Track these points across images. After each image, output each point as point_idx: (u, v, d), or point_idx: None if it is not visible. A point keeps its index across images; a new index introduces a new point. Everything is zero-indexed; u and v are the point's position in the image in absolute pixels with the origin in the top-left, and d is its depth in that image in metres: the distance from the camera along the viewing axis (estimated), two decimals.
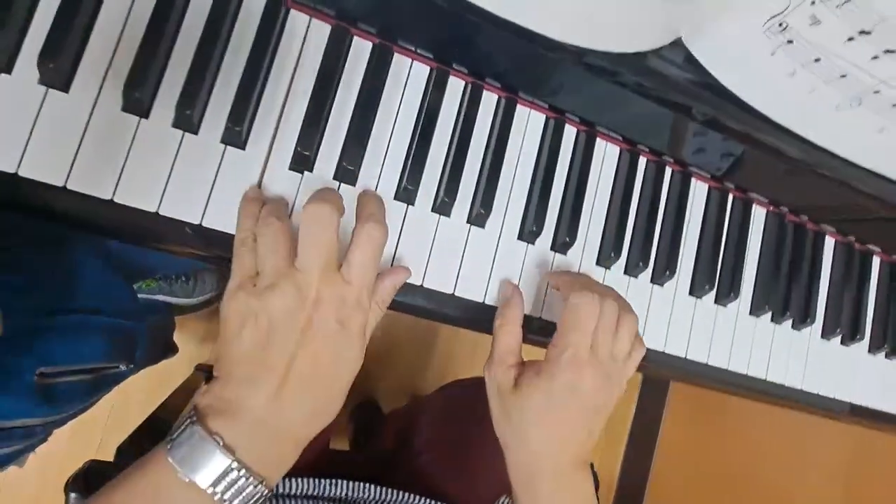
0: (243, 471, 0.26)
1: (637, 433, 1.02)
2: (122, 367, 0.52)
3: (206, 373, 1.05)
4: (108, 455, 0.63)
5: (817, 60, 0.26)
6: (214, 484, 0.25)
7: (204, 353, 1.07)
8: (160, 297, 0.88)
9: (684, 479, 1.04)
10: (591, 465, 0.36)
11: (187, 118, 0.31)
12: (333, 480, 0.51)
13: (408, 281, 0.34)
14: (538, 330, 0.39)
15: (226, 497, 0.26)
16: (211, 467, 0.25)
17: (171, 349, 0.76)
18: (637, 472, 1.01)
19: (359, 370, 0.31)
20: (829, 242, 0.51)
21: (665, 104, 0.34)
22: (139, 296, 0.91)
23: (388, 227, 0.31)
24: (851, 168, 0.35)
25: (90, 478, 0.55)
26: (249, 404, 0.27)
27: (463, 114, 0.38)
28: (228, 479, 0.26)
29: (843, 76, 0.27)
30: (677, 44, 0.28)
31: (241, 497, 0.26)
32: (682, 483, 1.03)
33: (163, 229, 0.31)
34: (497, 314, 0.36)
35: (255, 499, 0.27)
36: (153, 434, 0.73)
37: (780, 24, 0.24)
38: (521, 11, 0.27)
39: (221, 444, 0.26)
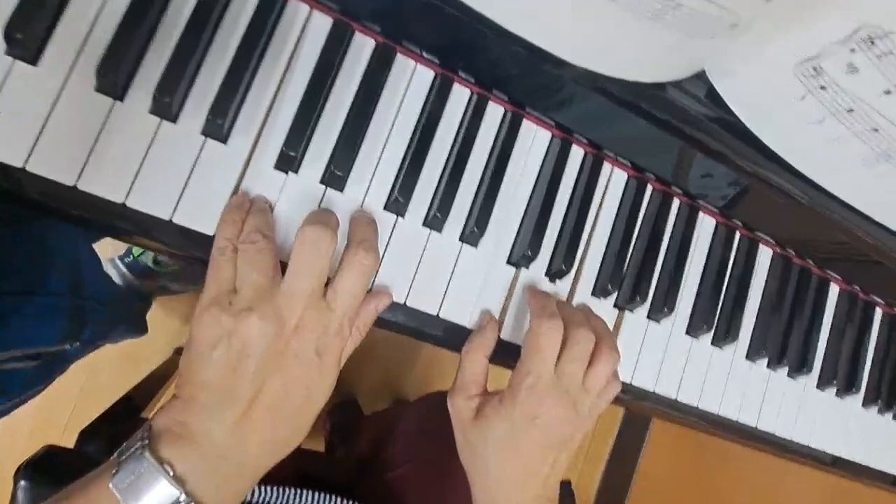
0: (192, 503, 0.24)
1: (617, 455, 1.00)
2: (68, 347, 0.50)
3: None
4: (73, 439, 0.60)
5: (850, 111, 0.24)
6: None
7: (183, 336, 1.05)
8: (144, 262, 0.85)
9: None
10: (569, 483, 0.34)
11: (166, 105, 0.28)
12: (298, 491, 0.49)
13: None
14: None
15: None
16: (156, 499, 0.23)
17: (138, 330, 0.73)
18: (614, 495, 0.99)
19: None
20: (834, 289, 0.49)
21: (680, 136, 0.31)
22: (126, 260, 0.87)
23: (379, 256, 0.29)
24: (867, 222, 0.33)
25: (46, 465, 0.53)
26: (209, 433, 0.25)
27: (465, 124, 0.35)
28: None
29: (875, 130, 0.24)
30: (700, 76, 0.26)
31: None
32: None
33: (129, 221, 0.29)
34: (467, 341, 0.34)
35: None
36: (121, 419, 0.71)
37: (815, 69, 0.22)
38: (539, 32, 0.25)
39: (172, 474, 0.24)
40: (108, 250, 0.82)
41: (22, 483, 0.50)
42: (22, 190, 0.27)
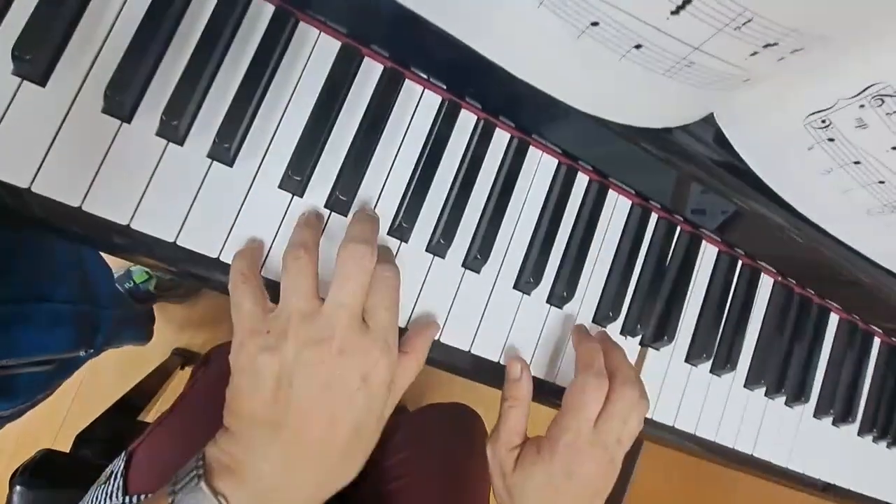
0: None
1: None
2: (82, 353, 0.50)
3: (183, 357, 1.02)
4: (70, 440, 0.60)
5: (857, 163, 0.24)
6: None
7: (182, 339, 1.05)
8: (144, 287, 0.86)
9: None
10: None
11: (173, 128, 0.28)
12: None
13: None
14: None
15: None
16: None
17: (143, 337, 0.73)
18: None
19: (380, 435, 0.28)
20: (834, 318, 0.49)
21: (685, 174, 0.31)
22: (126, 286, 0.88)
23: (397, 266, 0.29)
24: (871, 266, 0.33)
25: (42, 469, 0.53)
26: (258, 468, 0.25)
27: (472, 150, 0.35)
28: None
29: (881, 182, 0.25)
30: (708, 120, 0.26)
31: None
32: None
33: (132, 243, 0.29)
34: (506, 392, 0.35)
35: None
36: (117, 423, 0.71)
37: (824, 121, 0.22)
38: (548, 82, 0.25)
39: None
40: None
41: (18, 488, 0.50)
42: (27, 210, 0.27)
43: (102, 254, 0.53)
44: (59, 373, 0.49)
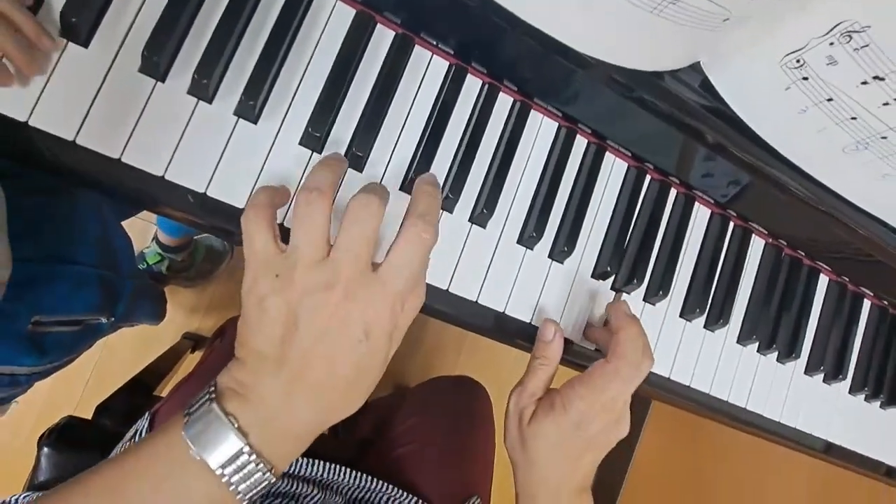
0: (254, 456, 0.25)
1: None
2: (104, 320, 0.52)
3: (193, 342, 1.05)
4: (88, 412, 0.63)
5: (829, 100, 0.26)
6: (224, 465, 0.25)
7: (193, 323, 1.08)
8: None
9: (657, 497, 1.04)
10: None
11: (203, 87, 0.31)
12: (311, 460, 0.51)
13: None
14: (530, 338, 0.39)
15: (233, 480, 0.25)
16: (223, 448, 0.25)
17: (157, 315, 0.76)
18: (609, 485, 1.02)
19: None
20: (823, 280, 0.51)
21: (677, 125, 0.34)
22: (140, 266, 0.91)
23: (438, 231, 0.27)
24: (851, 209, 0.35)
25: (66, 434, 0.56)
26: (262, 394, 0.26)
27: (477, 112, 0.38)
28: (239, 462, 0.25)
29: (853, 118, 0.27)
30: (695, 68, 0.28)
31: (248, 482, 0.25)
32: (654, 499, 1.04)
33: (166, 194, 0.31)
34: (537, 351, 0.37)
35: (261, 486, 0.26)
36: (135, 396, 0.73)
37: (798, 61, 0.25)
38: (547, 20, 0.27)
39: (236, 426, 0.25)
40: None
41: (45, 450, 0.53)
42: (70, 162, 0.30)
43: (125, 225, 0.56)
44: (84, 336, 0.51)
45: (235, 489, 0.25)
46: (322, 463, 0.51)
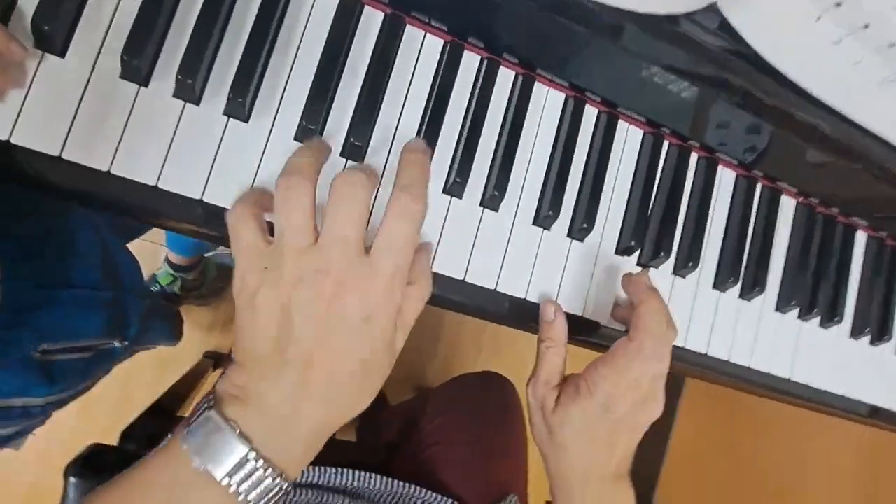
0: (261, 461, 0.24)
1: (651, 427, 1.00)
2: (116, 344, 0.51)
3: (213, 360, 1.05)
4: (114, 440, 0.62)
5: (866, 27, 0.24)
6: (230, 474, 0.23)
7: (212, 341, 1.07)
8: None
9: (696, 479, 1.01)
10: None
11: (188, 88, 0.29)
12: (339, 470, 0.50)
13: None
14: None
15: (241, 489, 0.23)
16: (227, 456, 0.23)
17: (173, 336, 0.75)
18: (647, 469, 0.99)
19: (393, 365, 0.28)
20: (861, 236, 0.48)
21: (694, 79, 0.31)
22: (153, 289, 0.91)
23: (427, 202, 0.26)
24: (888, 150, 0.32)
25: (92, 462, 0.55)
26: (264, 396, 0.25)
27: (478, 91, 0.36)
28: (245, 469, 0.23)
29: (893, 45, 0.24)
30: (712, 8, 0.26)
31: (258, 490, 0.24)
32: (693, 484, 1.01)
33: (161, 204, 0.30)
34: (541, 334, 0.35)
35: (273, 493, 0.24)
36: (159, 419, 0.73)
37: None
38: None
39: (238, 431, 0.24)
40: None
41: (72, 479, 0.52)
42: (57, 178, 0.28)
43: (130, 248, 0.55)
44: (96, 362, 0.50)
45: (245, 498, 0.24)
46: (351, 471, 0.50)
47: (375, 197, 0.32)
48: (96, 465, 0.55)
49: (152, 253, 0.98)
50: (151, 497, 0.24)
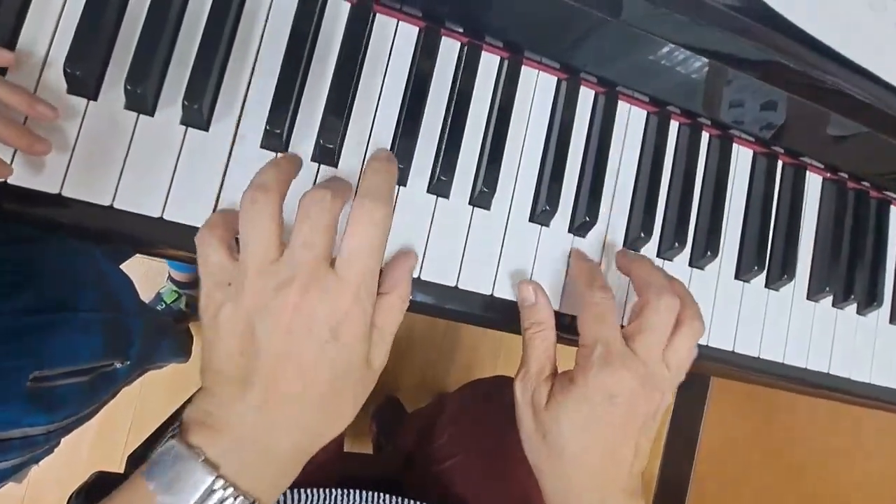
0: (230, 490, 0.22)
1: (678, 428, 0.95)
2: (118, 365, 0.50)
3: None
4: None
5: None
6: None
7: None
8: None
9: (729, 477, 0.96)
10: None
11: (139, 97, 0.27)
12: (346, 491, 0.47)
13: None
14: (566, 328, 0.33)
15: None
16: (192, 487, 0.22)
17: (182, 353, 0.74)
18: (679, 470, 0.94)
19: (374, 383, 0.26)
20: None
21: (703, 45, 0.28)
22: (159, 308, 0.90)
23: (391, 208, 0.25)
24: None
25: (96, 490, 0.53)
26: (232, 420, 0.23)
27: (459, 80, 0.33)
28: (214, 499, 0.22)
29: None
30: None
31: None
32: (726, 482, 0.96)
33: (119, 225, 0.28)
34: (524, 321, 0.31)
35: None
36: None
37: None
38: None
39: (202, 458, 0.22)
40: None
41: None
42: (62, 216, 0.27)
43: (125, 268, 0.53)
44: (100, 385, 0.49)
45: None
46: (360, 493, 0.47)
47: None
48: (100, 494, 0.53)
49: (158, 271, 0.97)
50: None
